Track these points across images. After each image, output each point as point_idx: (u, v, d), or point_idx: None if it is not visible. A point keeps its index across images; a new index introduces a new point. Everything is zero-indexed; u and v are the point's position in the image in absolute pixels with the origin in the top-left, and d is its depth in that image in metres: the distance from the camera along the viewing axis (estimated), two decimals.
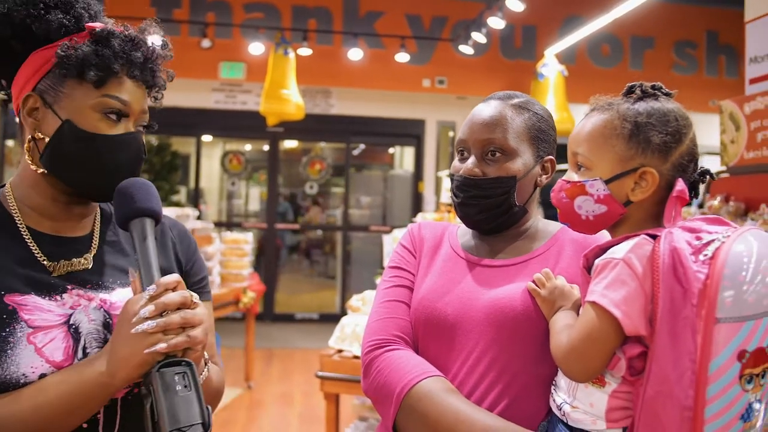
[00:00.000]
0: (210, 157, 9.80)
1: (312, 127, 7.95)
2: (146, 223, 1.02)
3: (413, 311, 1.32)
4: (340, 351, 3.35)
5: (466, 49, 6.72)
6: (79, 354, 1.02)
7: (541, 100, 6.83)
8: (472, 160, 1.31)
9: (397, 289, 1.36)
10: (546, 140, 1.34)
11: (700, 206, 3.63)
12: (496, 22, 5.77)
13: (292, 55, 6.40)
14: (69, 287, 1.06)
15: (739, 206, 3.41)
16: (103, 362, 0.95)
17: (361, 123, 8.21)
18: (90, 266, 1.10)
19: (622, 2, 5.34)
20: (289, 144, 9.41)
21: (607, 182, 1.09)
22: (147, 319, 0.92)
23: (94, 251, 1.12)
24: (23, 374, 0.95)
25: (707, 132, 8.02)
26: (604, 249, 1.08)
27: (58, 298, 1.04)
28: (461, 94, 7.84)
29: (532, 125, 1.32)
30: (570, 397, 1.10)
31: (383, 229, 8.67)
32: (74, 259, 1.08)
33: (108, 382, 0.95)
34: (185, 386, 0.88)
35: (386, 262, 4.59)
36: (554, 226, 1.39)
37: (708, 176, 1.13)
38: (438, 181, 8.57)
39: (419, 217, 4.90)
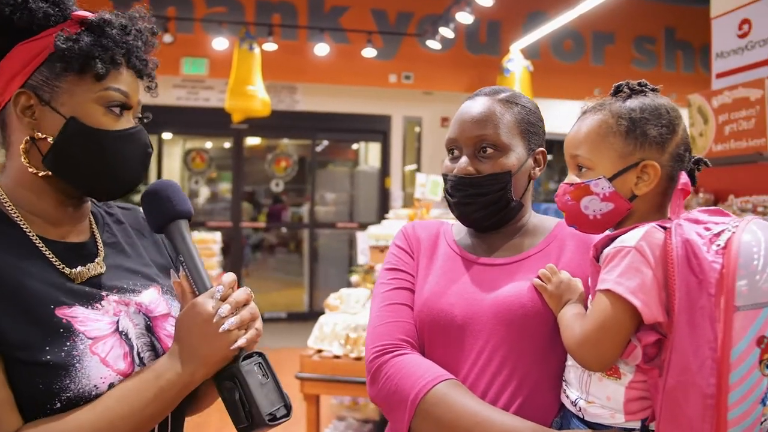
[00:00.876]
0: (171, 156, 9.59)
1: (277, 123, 7.84)
2: (185, 225, 1.04)
3: (417, 313, 1.29)
4: (319, 351, 3.30)
5: (434, 44, 6.72)
6: (136, 360, 1.00)
7: None
8: (464, 158, 1.29)
9: (398, 291, 1.33)
10: (536, 132, 1.34)
11: None
12: (464, 17, 5.78)
13: (257, 50, 6.30)
14: (104, 294, 1.02)
15: (709, 198, 3.49)
16: (177, 363, 0.96)
17: (327, 119, 8.13)
18: (103, 271, 1.06)
19: None
20: (254, 141, 9.27)
21: (610, 179, 1.11)
22: (225, 318, 0.96)
23: (102, 255, 1.07)
24: (95, 386, 0.93)
25: None
26: (612, 238, 1.09)
27: (99, 306, 1.00)
28: (427, 90, 7.85)
29: (522, 119, 1.31)
30: (583, 393, 1.10)
31: (350, 226, 8.64)
32: (89, 265, 1.04)
33: (190, 381, 0.96)
34: (264, 375, 0.98)
35: (360, 260, 4.60)
36: (550, 221, 1.39)
37: (703, 164, 1.16)
38: (405, 177, 8.56)
39: (392, 214, 4.87)
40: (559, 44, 7.85)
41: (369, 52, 6.94)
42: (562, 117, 7.88)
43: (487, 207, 1.29)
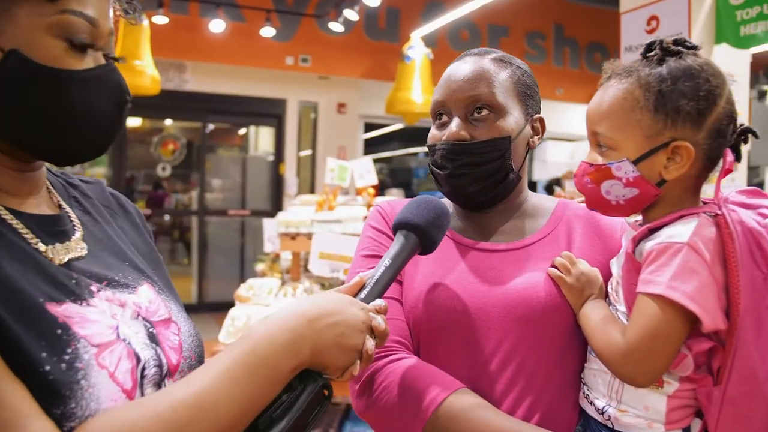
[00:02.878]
0: None
1: (163, 103, 7.31)
2: (415, 243, 0.99)
3: (410, 309, 1.11)
4: None
5: (336, 27, 6.53)
6: (138, 377, 0.75)
7: (407, 83, 6.88)
8: (456, 122, 1.12)
9: None
10: (533, 96, 1.19)
11: None
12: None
13: (146, 22, 5.80)
14: (93, 288, 0.77)
15: None
16: (299, 344, 0.79)
17: (218, 101, 7.69)
18: (84, 254, 0.81)
19: None
20: (136, 122, 8.61)
21: (635, 162, 0.96)
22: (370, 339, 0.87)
23: (80, 232, 0.83)
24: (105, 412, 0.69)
25: (555, 119, 8.62)
26: (652, 230, 0.96)
27: (92, 303, 0.75)
28: (325, 74, 7.64)
29: (518, 79, 1.17)
30: (613, 401, 0.99)
31: (242, 213, 8.28)
32: (67, 243, 0.79)
33: (296, 366, 0.80)
34: (319, 407, 0.83)
35: (267, 248, 4.37)
36: (550, 200, 1.25)
37: (751, 134, 1.00)
38: (300, 162, 8.32)
39: (298, 200, 4.66)
40: (456, 34, 7.93)
41: (267, 32, 6.62)
42: None
43: (484, 179, 1.12)
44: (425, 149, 1.20)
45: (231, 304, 3.52)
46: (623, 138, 0.97)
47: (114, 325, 0.77)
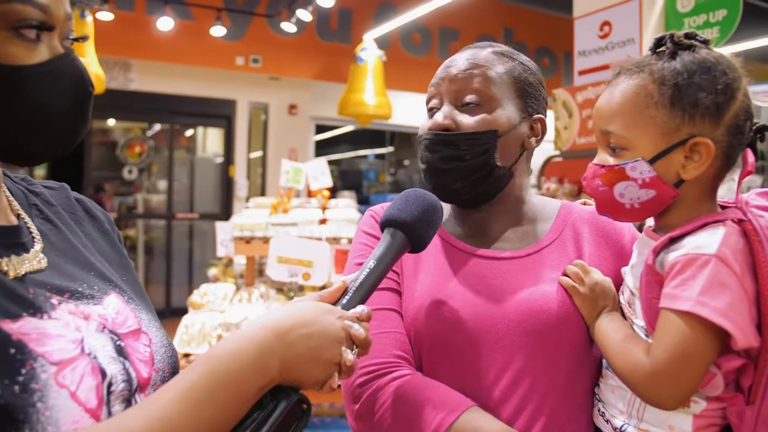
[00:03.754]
0: None
1: (107, 103, 7.06)
2: (403, 241, 0.93)
3: (411, 322, 1.04)
4: (187, 355, 2.96)
5: (289, 27, 6.44)
6: (104, 394, 0.69)
7: (360, 85, 6.85)
8: (443, 110, 1.07)
9: (382, 293, 1.06)
10: (535, 96, 1.12)
11: (538, 187, 3.86)
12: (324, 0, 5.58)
13: (89, 18, 5.59)
14: (54, 301, 0.70)
15: (573, 188, 3.67)
16: (268, 357, 0.72)
17: (165, 101, 7.48)
18: (44, 266, 0.74)
19: None
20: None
21: (651, 162, 0.90)
22: (349, 351, 0.80)
23: (39, 244, 0.75)
24: None
25: None
26: (673, 239, 0.90)
27: (54, 317, 0.68)
28: (276, 75, 7.53)
29: (518, 75, 1.10)
30: (633, 419, 0.94)
31: (190, 217, 8.07)
32: (25, 256, 0.72)
33: (264, 386, 0.74)
34: (296, 424, 0.76)
35: (219, 252, 4.27)
36: (552, 202, 1.19)
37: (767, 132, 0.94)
38: (250, 164, 8.18)
39: (252, 203, 4.56)
40: (408, 37, 7.94)
41: (218, 31, 6.47)
42: (409, 109, 8.05)
43: (467, 175, 1.05)
44: (376, 152, 1.14)
45: (180, 310, 3.41)
46: (637, 136, 0.91)
47: (78, 338, 0.71)
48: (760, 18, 7.78)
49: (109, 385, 0.71)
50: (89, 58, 5.54)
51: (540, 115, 1.14)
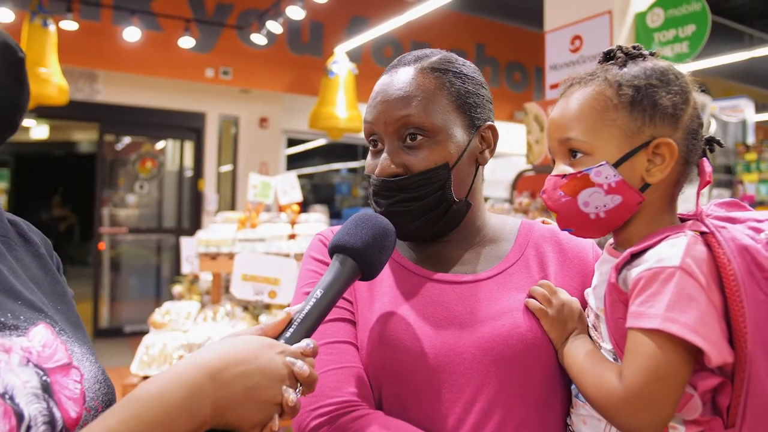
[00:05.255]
0: None
1: (73, 114, 6.92)
2: (353, 269, 0.88)
3: (368, 355, 0.96)
4: (147, 377, 2.83)
5: (259, 39, 6.36)
6: None
7: (331, 98, 6.79)
8: (386, 155, 1.00)
9: (336, 324, 0.99)
10: (479, 104, 1.04)
11: (510, 202, 3.81)
12: (294, 12, 5.52)
13: (52, 27, 5.45)
14: None
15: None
16: (183, 423, 0.65)
17: (132, 113, 7.32)
18: None
19: (404, 7, 5.51)
20: (40, 134, 8.09)
21: (615, 165, 0.87)
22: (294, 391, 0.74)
23: None
24: None
25: None
26: (635, 255, 0.86)
27: None
28: (246, 87, 7.43)
29: (457, 90, 1.01)
30: None
31: (158, 231, 7.89)
32: None
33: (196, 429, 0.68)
34: None
35: (185, 268, 4.14)
36: (511, 221, 1.13)
37: (717, 144, 0.94)
38: (220, 178, 8.04)
39: (220, 218, 4.44)
40: (380, 50, 7.92)
41: (186, 42, 6.35)
42: None
43: (423, 215, 1.00)
44: (348, 165, 1.07)
45: (146, 330, 3.28)
46: (599, 140, 0.89)
47: None
48: (728, 35, 7.94)
49: (28, 428, 0.63)
50: (52, 69, 5.40)
51: (489, 123, 1.07)
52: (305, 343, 0.78)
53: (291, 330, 0.79)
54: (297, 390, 0.74)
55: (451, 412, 0.91)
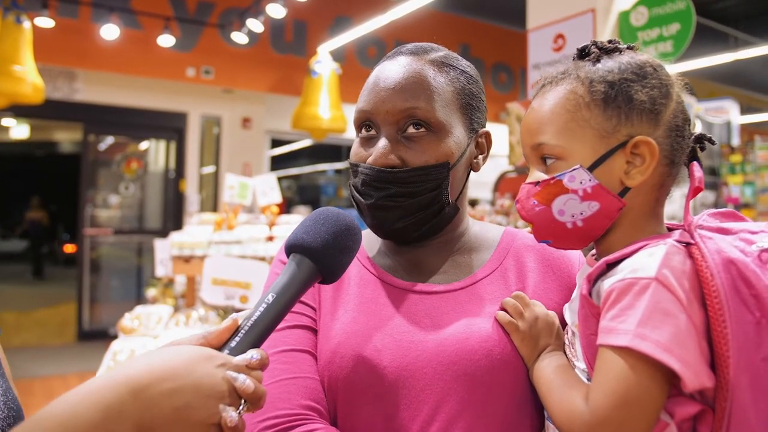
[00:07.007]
0: None
1: (51, 114, 6.78)
2: (310, 271, 0.79)
3: (326, 365, 0.89)
4: None
5: (240, 38, 6.26)
6: None
7: (314, 98, 6.70)
8: (383, 142, 0.92)
9: (292, 331, 0.92)
10: (479, 108, 1.00)
11: (492, 204, 3.74)
12: (275, 10, 5.43)
13: (27, 24, 5.33)
14: None
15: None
16: (129, 412, 0.59)
17: (112, 113, 7.19)
18: None
19: (388, 6, 5.45)
20: (21, 133, 7.94)
21: (590, 169, 0.80)
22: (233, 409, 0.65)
23: None
24: None
25: None
26: (611, 265, 0.79)
27: None
28: (229, 87, 7.32)
29: (462, 88, 0.97)
30: None
31: (139, 233, 7.77)
32: None
33: None
34: None
35: (159, 271, 4.03)
36: (494, 229, 1.06)
37: (708, 142, 0.87)
38: (202, 179, 7.93)
39: (195, 219, 4.34)
40: (363, 50, 7.84)
41: (166, 40, 6.23)
42: None
43: (414, 213, 0.93)
44: (334, 167, 0.98)
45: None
46: (572, 142, 0.82)
47: None
48: (713, 37, 7.93)
49: None
50: (26, 67, 5.28)
51: (485, 129, 1.02)
52: (250, 355, 0.68)
53: (237, 339, 0.70)
54: (240, 408, 0.65)
55: (408, 429, 0.84)
